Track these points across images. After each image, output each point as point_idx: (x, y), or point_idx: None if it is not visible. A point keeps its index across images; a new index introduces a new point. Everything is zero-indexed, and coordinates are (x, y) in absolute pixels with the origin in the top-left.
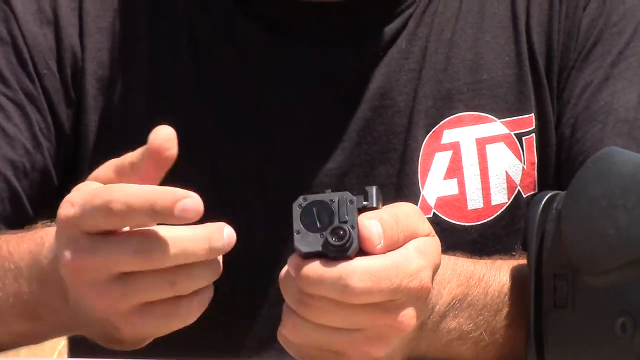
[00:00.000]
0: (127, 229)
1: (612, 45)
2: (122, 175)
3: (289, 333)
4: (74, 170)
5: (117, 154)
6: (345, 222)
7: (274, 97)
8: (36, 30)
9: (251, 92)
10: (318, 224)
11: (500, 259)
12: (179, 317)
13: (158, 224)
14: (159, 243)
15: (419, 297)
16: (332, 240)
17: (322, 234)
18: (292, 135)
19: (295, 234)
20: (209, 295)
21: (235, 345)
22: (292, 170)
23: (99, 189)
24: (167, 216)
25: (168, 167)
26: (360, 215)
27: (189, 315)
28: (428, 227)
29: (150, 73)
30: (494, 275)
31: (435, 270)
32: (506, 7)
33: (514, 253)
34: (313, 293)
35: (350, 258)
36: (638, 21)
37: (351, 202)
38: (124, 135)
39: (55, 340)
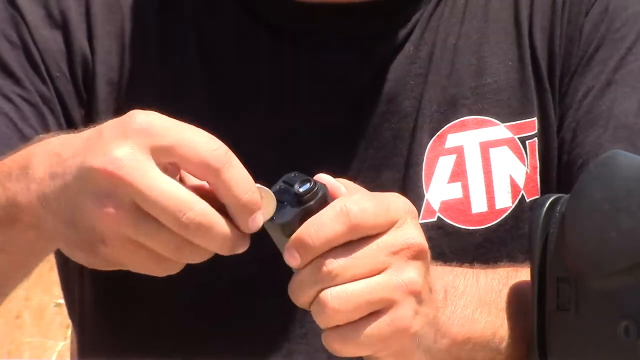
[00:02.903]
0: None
1: (614, 50)
2: None
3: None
4: None
5: None
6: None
7: (281, 102)
8: (46, 34)
9: (259, 97)
10: (284, 202)
11: (502, 267)
12: (157, 271)
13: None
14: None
15: (413, 215)
16: (300, 190)
17: (292, 202)
18: (299, 141)
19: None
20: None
21: (237, 348)
22: None
23: None
24: None
25: None
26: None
27: (169, 271)
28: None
29: (159, 76)
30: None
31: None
32: (510, 13)
33: (523, 254)
34: (322, 245)
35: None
36: None
37: (296, 174)
38: None
39: (55, 341)
